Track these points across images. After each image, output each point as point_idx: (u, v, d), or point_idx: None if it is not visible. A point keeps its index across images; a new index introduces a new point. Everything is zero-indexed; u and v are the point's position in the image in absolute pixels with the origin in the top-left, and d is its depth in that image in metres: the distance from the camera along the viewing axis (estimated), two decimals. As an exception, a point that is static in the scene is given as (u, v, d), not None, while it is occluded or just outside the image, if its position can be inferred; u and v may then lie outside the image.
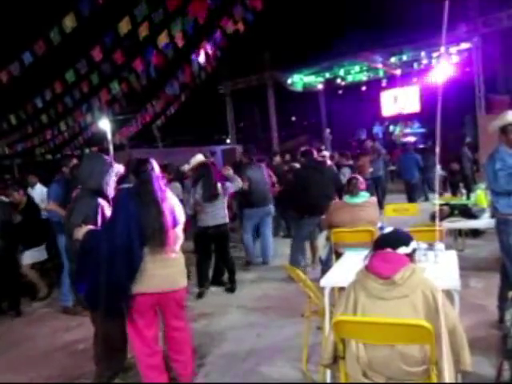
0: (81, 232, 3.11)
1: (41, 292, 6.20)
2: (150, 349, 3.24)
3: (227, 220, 5.88)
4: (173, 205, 3.29)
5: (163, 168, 5.64)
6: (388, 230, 2.61)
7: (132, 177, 3.42)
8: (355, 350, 2.24)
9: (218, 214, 5.70)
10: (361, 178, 5.29)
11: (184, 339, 3.43)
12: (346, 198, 5.18)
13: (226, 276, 6.14)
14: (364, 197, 5.14)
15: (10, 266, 5.73)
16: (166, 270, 3.19)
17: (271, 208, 7.20)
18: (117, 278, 3.00)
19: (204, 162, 5.83)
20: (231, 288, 5.88)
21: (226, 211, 5.86)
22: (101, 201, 3.35)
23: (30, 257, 6.02)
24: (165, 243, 3.11)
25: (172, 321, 3.36)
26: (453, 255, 3.66)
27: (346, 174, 8.71)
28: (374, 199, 5.37)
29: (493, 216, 4.27)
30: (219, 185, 5.73)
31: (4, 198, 6.02)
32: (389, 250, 2.41)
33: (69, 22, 8.43)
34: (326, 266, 5.59)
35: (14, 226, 5.76)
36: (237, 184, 6.05)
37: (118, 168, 3.58)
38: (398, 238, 2.48)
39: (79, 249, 3.10)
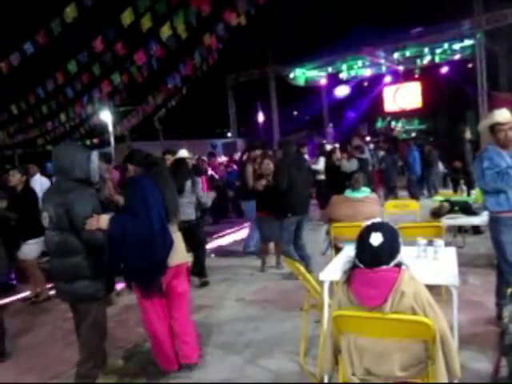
0: (102, 221, 3.06)
1: (42, 293, 5.87)
2: (160, 317, 3.45)
3: (192, 217, 5.84)
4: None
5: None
6: (375, 237, 2.21)
7: (131, 166, 3.58)
8: (352, 343, 2.24)
9: (183, 210, 5.74)
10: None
11: (186, 316, 3.63)
12: (347, 193, 5.18)
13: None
14: (365, 192, 5.15)
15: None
16: (182, 244, 3.57)
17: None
18: (157, 257, 3.20)
19: (180, 159, 5.96)
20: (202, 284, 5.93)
21: (193, 210, 5.88)
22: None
23: (29, 250, 5.73)
24: (178, 219, 3.55)
25: (178, 297, 3.54)
26: (452, 252, 3.66)
27: (354, 166, 8.69)
28: (375, 195, 5.36)
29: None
30: (188, 183, 5.76)
31: None
32: (360, 265, 2.20)
33: (70, 13, 8.40)
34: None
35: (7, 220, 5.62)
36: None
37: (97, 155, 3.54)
38: (385, 255, 2.18)
39: (108, 237, 3.07)
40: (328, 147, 9.31)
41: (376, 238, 2.19)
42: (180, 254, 3.49)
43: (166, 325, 3.49)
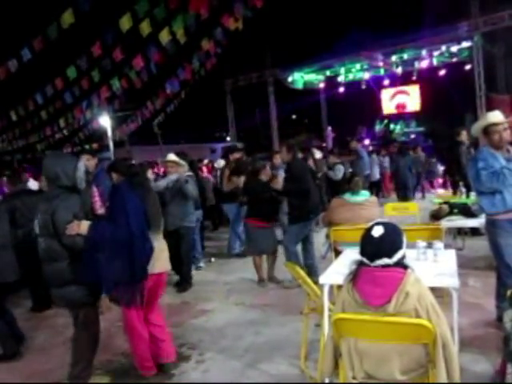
0: (83, 226, 3.12)
1: None
2: (141, 323, 3.52)
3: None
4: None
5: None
6: (376, 230, 2.26)
7: (115, 174, 3.78)
8: (353, 347, 2.24)
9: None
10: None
11: (163, 319, 3.79)
12: (347, 196, 5.19)
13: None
14: (365, 195, 5.16)
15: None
16: (165, 252, 3.63)
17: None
18: (137, 263, 3.23)
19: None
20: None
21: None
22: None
23: None
24: (161, 227, 3.58)
25: (156, 302, 3.69)
26: (452, 254, 3.67)
27: (340, 171, 8.74)
28: (375, 198, 5.37)
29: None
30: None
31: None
32: (378, 262, 2.20)
33: (68, 18, 8.41)
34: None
35: None
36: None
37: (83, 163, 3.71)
38: (385, 246, 2.22)
39: (87, 242, 3.13)
40: (317, 153, 9.19)
41: (377, 230, 2.26)
42: (163, 262, 3.58)
43: (147, 330, 3.58)
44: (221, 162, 10.70)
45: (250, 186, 6.09)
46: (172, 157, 6.26)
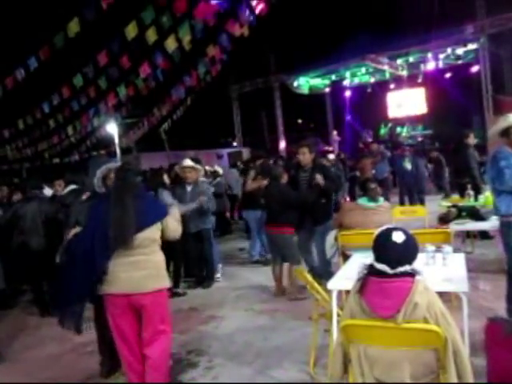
0: (70, 234, 3.28)
1: None
2: (133, 352, 3.19)
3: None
4: (146, 207, 3.17)
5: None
6: (397, 235, 2.19)
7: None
8: (362, 353, 2.22)
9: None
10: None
11: (160, 344, 3.20)
12: (360, 201, 5.15)
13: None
14: (378, 201, 5.10)
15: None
16: (132, 272, 3.07)
17: None
18: (80, 280, 3.08)
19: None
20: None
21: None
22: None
23: None
24: (128, 246, 3.02)
25: (149, 324, 3.16)
26: (461, 258, 3.64)
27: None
28: (388, 204, 5.30)
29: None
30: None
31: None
32: (400, 269, 2.14)
33: (74, 28, 8.50)
34: (329, 266, 5.59)
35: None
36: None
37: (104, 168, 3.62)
38: (409, 252, 2.19)
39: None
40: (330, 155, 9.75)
41: (398, 236, 2.18)
42: (158, 279, 3.20)
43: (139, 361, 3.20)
44: (234, 172, 10.96)
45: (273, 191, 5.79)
46: (189, 162, 6.28)
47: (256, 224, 7.57)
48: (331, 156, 10.05)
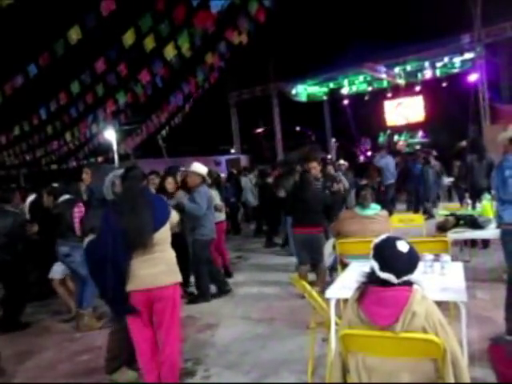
0: (85, 241, 3.37)
1: (71, 312, 5.69)
2: (150, 348, 3.34)
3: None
4: (155, 208, 3.33)
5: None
6: (402, 245, 2.19)
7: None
8: (361, 363, 2.21)
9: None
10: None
11: (172, 337, 3.42)
12: (357, 209, 5.15)
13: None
14: (375, 209, 5.06)
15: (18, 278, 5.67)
16: (150, 269, 3.26)
17: None
18: (110, 281, 3.19)
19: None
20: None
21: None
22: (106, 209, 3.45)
23: (58, 271, 5.67)
24: (147, 247, 3.22)
25: (164, 318, 3.35)
26: (459, 266, 3.63)
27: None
28: (386, 212, 5.29)
29: (498, 226, 4.25)
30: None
31: (13, 209, 5.83)
32: (404, 278, 2.14)
33: (74, 35, 8.52)
34: (330, 275, 5.57)
35: (23, 238, 5.69)
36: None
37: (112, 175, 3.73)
38: (414, 261, 2.18)
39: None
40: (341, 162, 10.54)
41: (403, 246, 2.18)
42: (173, 274, 3.39)
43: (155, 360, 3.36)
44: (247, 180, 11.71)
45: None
46: (198, 168, 5.95)
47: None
48: (342, 161, 10.71)
